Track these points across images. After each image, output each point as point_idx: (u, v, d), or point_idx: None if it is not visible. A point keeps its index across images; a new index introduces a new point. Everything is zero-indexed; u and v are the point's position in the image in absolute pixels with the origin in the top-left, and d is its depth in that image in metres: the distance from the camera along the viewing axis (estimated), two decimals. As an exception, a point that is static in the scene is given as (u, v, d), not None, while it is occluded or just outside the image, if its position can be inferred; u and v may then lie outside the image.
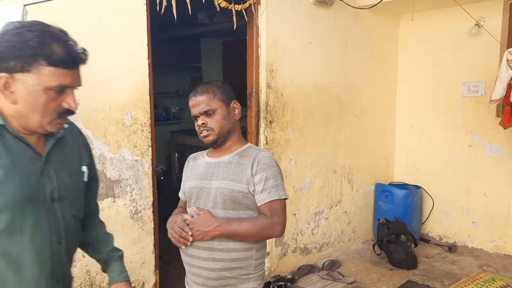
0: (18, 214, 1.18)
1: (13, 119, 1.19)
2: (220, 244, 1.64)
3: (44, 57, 1.15)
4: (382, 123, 4.46)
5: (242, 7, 3.12)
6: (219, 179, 1.68)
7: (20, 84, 1.15)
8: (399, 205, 4.22)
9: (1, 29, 1.19)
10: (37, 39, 1.15)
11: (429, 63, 4.32)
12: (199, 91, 1.71)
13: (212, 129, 1.69)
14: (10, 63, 1.13)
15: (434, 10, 4.19)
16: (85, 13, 2.47)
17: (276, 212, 1.65)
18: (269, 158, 1.71)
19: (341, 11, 3.80)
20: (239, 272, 1.67)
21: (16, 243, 1.18)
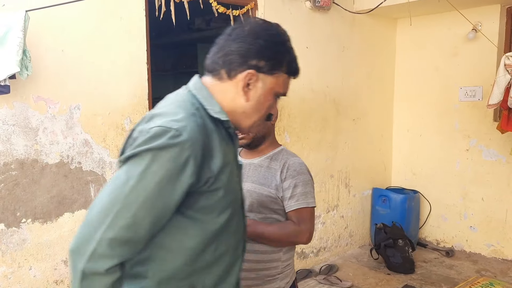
0: (232, 214, 1.16)
1: (230, 115, 1.15)
2: (247, 245, 1.63)
3: (286, 64, 1.17)
4: (379, 128, 4.48)
5: (239, 12, 3.14)
6: (249, 181, 1.67)
7: (259, 84, 1.14)
8: (397, 210, 4.23)
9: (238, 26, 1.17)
10: (287, 44, 1.17)
11: (426, 68, 4.35)
12: None
13: (248, 133, 1.66)
14: (261, 62, 1.12)
15: (431, 15, 4.23)
16: (85, 19, 2.48)
17: (304, 220, 1.64)
18: (300, 164, 1.69)
19: (338, 16, 3.83)
20: (265, 273, 1.66)
21: (224, 241, 1.15)
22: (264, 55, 1.12)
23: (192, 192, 1.05)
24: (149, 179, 0.99)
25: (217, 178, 1.07)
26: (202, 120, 1.08)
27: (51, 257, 2.49)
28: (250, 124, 1.20)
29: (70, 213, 2.53)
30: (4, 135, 2.26)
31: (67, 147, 2.48)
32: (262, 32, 1.14)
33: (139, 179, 0.98)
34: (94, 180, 2.60)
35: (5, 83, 2.03)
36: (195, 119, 1.06)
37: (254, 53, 1.12)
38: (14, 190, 2.32)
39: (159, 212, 1.02)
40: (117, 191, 1.00)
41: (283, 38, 1.17)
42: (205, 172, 1.05)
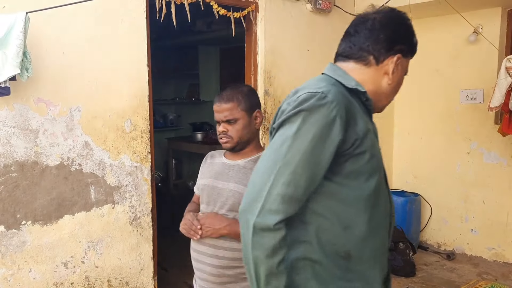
0: (379, 182, 1.21)
1: (370, 95, 1.24)
2: (225, 243, 1.69)
3: (415, 46, 1.29)
4: (379, 130, 4.38)
5: (240, 15, 3.14)
6: (232, 182, 1.73)
7: (399, 67, 1.26)
8: (397, 213, 4.19)
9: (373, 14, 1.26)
10: (411, 29, 1.28)
11: (427, 70, 4.35)
12: (224, 98, 1.73)
13: (232, 137, 1.73)
14: (403, 46, 1.25)
15: (432, 17, 4.22)
16: (86, 21, 2.48)
17: None
18: None
19: (339, 18, 3.83)
20: (240, 271, 1.71)
21: (376, 214, 1.20)
22: (406, 40, 1.26)
23: (339, 155, 1.12)
24: (303, 137, 1.09)
25: (362, 141, 1.15)
26: (342, 90, 1.19)
27: (51, 260, 2.48)
28: (386, 104, 1.33)
29: (70, 215, 2.52)
30: (4, 137, 2.26)
31: (67, 149, 2.48)
32: (399, 19, 1.26)
33: (293, 139, 1.09)
34: (95, 182, 2.60)
35: (5, 85, 2.03)
36: (336, 88, 1.17)
37: (399, 39, 1.24)
38: (14, 192, 2.32)
39: (314, 169, 1.10)
40: (275, 152, 1.11)
41: (410, 22, 1.28)
42: (351, 133, 1.13)
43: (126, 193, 2.72)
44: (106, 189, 2.64)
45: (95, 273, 2.65)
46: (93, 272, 2.64)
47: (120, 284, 2.75)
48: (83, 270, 2.60)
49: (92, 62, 2.53)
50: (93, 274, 2.64)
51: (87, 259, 2.61)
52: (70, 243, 2.54)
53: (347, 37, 1.29)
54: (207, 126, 5.72)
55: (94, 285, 2.65)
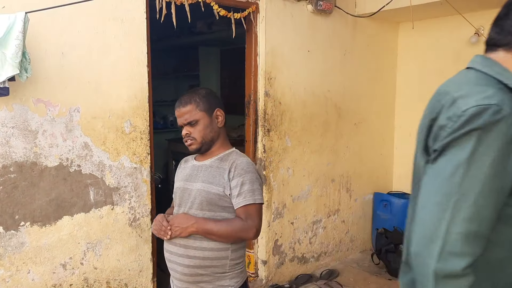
0: None
1: None
2: (195, 242, 1.74)
3: None
4: (380, 132, 4.46)
5: (241, 16, 3.13)
6: (199, 181, 1.79)
7: None
8: (398, 215, 4.20)
9: None
10: None
11: (428, 72, 4.33)
12: (182, 102, 1.79)
13: (195, 138, 1.79)
14: None
15: (433, 19, 4.21)
16: (86, 21, 2.47)
17: (251, 216, 1.74)
18: (247, 164, 1.79)
19: (340, 19, 3.82)
20: (213, 270, 1.76)
21: None
22: None
23: None
24: (480, 161, 0.92)
25: None
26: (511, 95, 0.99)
27: (50, 261, 2.47)
28: None
29: (69, 217, 2.51)
30: (3, 138, 2.25)
31: (66, 150, 2.47)
32: None
33: (469, 165, 0.92)
34: (94, 184, 2.58)
35: (4, 85, 2.02)
36: (504, 93, 0.97)
37: None
38: (12, 193, 2.31)
39: (498, 197, 0.94)
40: (447, 183, 0.94)
41: None
42: None
43: (125, 194, 2.71)
44: (106, 190, 2.63)
45: (94, 274, 2.64)
46: (92, 274, 2.63)
47: (119, 285, 2.74)
48: (82, 272, 2.59)
49: (92, 63, 2.52)
50: (92, 276, 2.63)
51: (86, 260, 2.59)
52: (69, 245, 2.53)
53: (496, 21, 1.09)
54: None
55: (93, 286, 2.64)
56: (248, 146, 3.46)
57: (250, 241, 3.53)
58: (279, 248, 3.60)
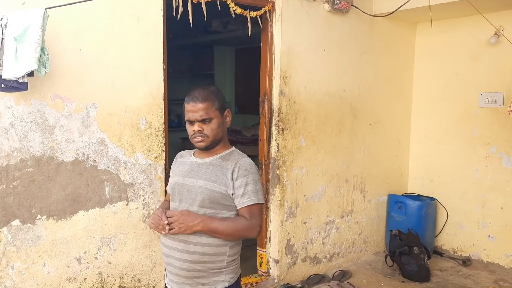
0: None
1: None
2: (195, 238, 1.75)
3: None
4: (396, 133, 4.42)
5: (257, 14, 3.12)
6: (201, 179, 1.79)
7: None
8: (413, 217, 4.15)
9: None
10: None
11: (445, 73, 4.28)
12: (199, 98, 1.77)
13: (207, 136, 1.78)
14: None
15: (452, 19, 4.16)
16: (103, 18, 2.50)
17: (255, 215, 1.78)
18: (250, 164, 1.82)
19: (356, 18, 3.79)
20: (210, 266, 1.78)
21: None
22: None
23: None
24: None
25: None
26: None
27: (65, 255, 2.50)
28: None
29: (85, 211, 2.54)
30: (21, 132, 2.29)
31: (82, 145, 2.50)
32: None
33: None
34: (109, 179, 2.61)
35: (23, 80, 2.05)
36: None
37: None
38: (30, 186, 2.34)
39: None
40: None
41: None
42: None
43: (140, 191, 2.73)
44: (120, 186, 2.65)
45: (107, 269, 2.66)
46: (106, 268, 2.65)
47: (132, 281, 2.76)
48: (96, 266, 2.61)
49: (109, 59, 2.54)
50: (106, 270, 2.65)
51: (100, 255, 2.62)
52: (84, 239, 2.55)
53: None
54: (222, 126, 5.71)
55: (106, 281, 2.66)
56: (262, 145, 3.46)
57: (263, 240, 3.52)
58: (291, 247, 3.59)
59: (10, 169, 2.27)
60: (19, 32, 1.98)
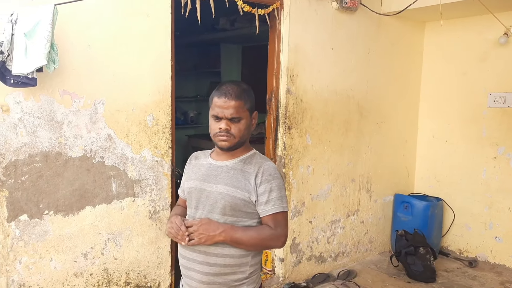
0: None
1: None
2: (216, 249, 1.64)
3: None
4: (403, 133, 4.40)
5: (265, 12, 3.12)
6: (221, 184, 1.67)
7: None
8: (419, 217, 4.14)
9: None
10: None
11: (454, 72, 4.25)
12: (232, 94, 1.63)
13: (234, 136, 1.65)
14: None
15: (461, 18, 4.13)
16: (111, 15, 2.50)
17: (280, 224, 1.66)
18: (274, 169, 1.70)
19: (364, 17, 3.78)
20: (232, 278, 1.67)
21: None
22: None
23: None
24: None
25: None
26: None
27: (72, 250, 2.51)
28: None
29: (91, 207, 2.55)
30: (30, 127, 2.30)
31: (90, 141, 2.51)
32: None
33: None
34: (116, 175, 2.62)
35: (32, 76, 2.06)
36: None
37: None
38: (37, 182, 2.36)
39: None
40: None
41: None
42: None
43: (146, 187, 2.74)
44: (127, 183, 2.66)
45: (114, 265, 2.67)
46: (112, 264, 2.67)
47: (138, 277, 2.77)
48: (102, 262, 2.63)
49: (117, 56, 2.55)
50: (112, 266, 2.66)
51: (106, 251, 2.63)
52: (91, 235, 2.57)
53: None
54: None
55: (112, 276, 2.67)
56: (268, 143, 3.46)
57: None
58: (296, 246, 3.59)
59: (18, 164, 2.29)
60: (29, 28, 1.99)
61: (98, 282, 2.62)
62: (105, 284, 2.65)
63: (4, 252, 2.30)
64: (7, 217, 2.28)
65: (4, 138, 2.23)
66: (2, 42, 2.00)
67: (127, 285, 2.74)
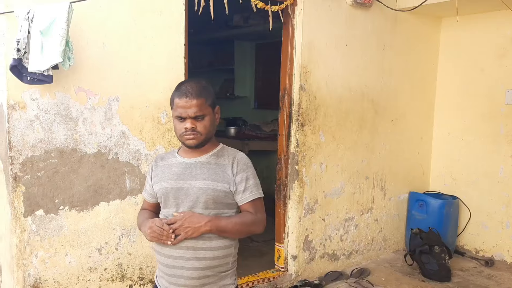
0: None
1: None
2: (204, 243, 1.67)
3: None
4: (418, 130, 4.34)
5: (278, 8, 3.11)
6: (200, 179, 1.69)
7: None
8: (434, 215, 4.08)
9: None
10: None
11: (470, 69, 4.18)
12: (193, 93, 1.64)
13: (200, 133, 1.67)
14: None
15: (478, 14, 4.05)
16: (126, 12, 2.52)
17: (259, 209, 1.75)
18: (247, 158, 1.78)
19: (379, 13, 3.73)
20: (219, 269, 1.73)
21: None
22: None
23: None
24: None
25: None
26: None
27: (86, 245, 2.55)
28: None
29: (106, 203, 2.58)
30: (46, 124, 2.34)
31: (105, 138, 2.53)
32: None
33: None
34: (130, 172, 2.64)
35: (48, 73, 2.09)
36: None
37: None
38: (53, 177, 2.39)
39: None
40: None
41: None
42: None
43: (160, 183, 2.75)
44: (141, 179, 2.68)
45: (127, 260, 2.70)
46: (126, 259, 2.70)
47: (151, 272, 2.80)
48: (116, 257, 2.66)
49: (131, 53, 2.57)
50: (126, 261, 2.69)
51: (120, 246, 2.66)
52: (105, 230, 2.60)
53: None
54: (240, 121, 5.73)
55: (126, 272, 2.70)
56: (281, 140, 3.45)
57: (281, 235, 3.52)
58: (309, 243, 3.58)
59: (34, 160, 2.32)
60: (44, 26, 2.02)
61: (112, 277, 2.66)
62: (119, 279, 2.68)
63: (20, 246, 2.34)
64: (23, 212, 2.32)
65: (21, 135, 2.27)
66: (18, 40, 2.04)
67: (141, 280, 2.77)
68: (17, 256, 2.35)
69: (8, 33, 2.18)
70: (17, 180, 2.28)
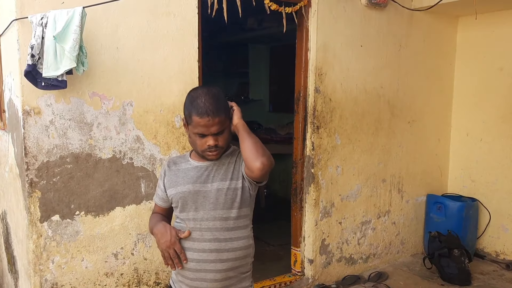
0: None
1: None
2: (227, 245, 1.69)
3: None
4: (436, 131, 4.26)
5: (292, 10, 3.08)
6: (217, 181, 1.69)
7: None
8: (453, 218, 4.00)
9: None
10: None
11: (489, 68, 4.08)
12: (214, 111, 1.60)
13: (222, 147, 1.67)
14: None
15: (496, 12, 3.96)
16: (139, 17, 2.52)
17: None
18: None
19: (395, 13, 3.68)
20: (241, 270, 1.74)
21: None
22: None
23: None
24: None
25: None
26: None
27: (102, 250, 2.54)
28: None
29: (121, 208, 2.58)
30: (60, 129, 2.34)
31: (119, 143, 2.53)
32: None
33: None
34: (145, 176, 2.63)
35: (62, 78, 2.09)
36: None
37: None
38: (69, 183, 2.40)
39: None
40: None
41: None
42: None
43: (174, 188, 2.74)
44: (156, 183, 2.67)
45: (143, 265, 2.69)
46: (142, 264, 2.69)
47: (168, 277, 2.78)
48: (132, 262, 2.65)
49: (145, 57, 2.57)
50: (142, 266, 2.68)
51: (136, 251, 2.65)
52: (121, 235, 2.59)
53: None
54: (256, 125, 5.71)
55: (142, 277, 2.69)
56: (296, 143, 3.41)
57: (297, 239, 3.48)
58: (326, 247, 3.53)
59: (50, 166, 2.33)
60: (58, 31, 2.02)
61: (128, 282, 2.65)
62: (135, 284, 2.67)
63: (37, 251, 2.35)
64: (39, 217, 2.33)
65: (36, 140, 2.28)
66: (33, 46, 2.05)
67: (157, 285, 2.76)
68: (33, 262, 2.35)
69: (22, 39, 2.19)
70: (33, 186, 2.29)
